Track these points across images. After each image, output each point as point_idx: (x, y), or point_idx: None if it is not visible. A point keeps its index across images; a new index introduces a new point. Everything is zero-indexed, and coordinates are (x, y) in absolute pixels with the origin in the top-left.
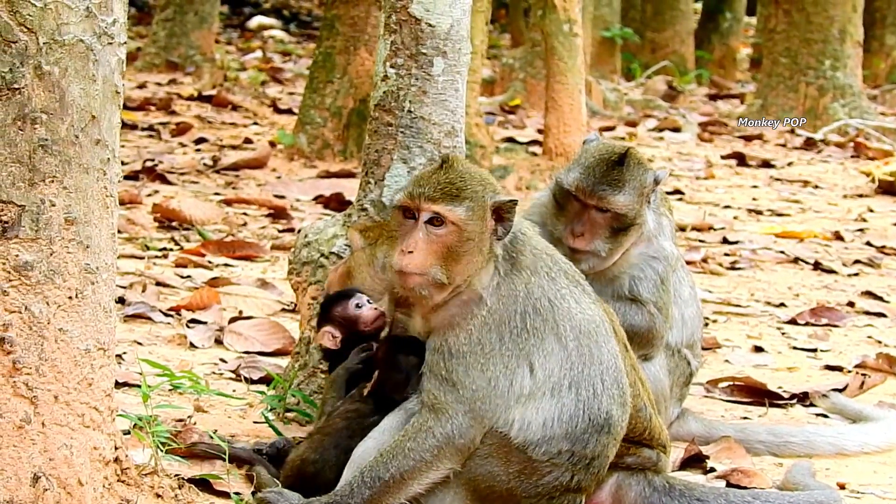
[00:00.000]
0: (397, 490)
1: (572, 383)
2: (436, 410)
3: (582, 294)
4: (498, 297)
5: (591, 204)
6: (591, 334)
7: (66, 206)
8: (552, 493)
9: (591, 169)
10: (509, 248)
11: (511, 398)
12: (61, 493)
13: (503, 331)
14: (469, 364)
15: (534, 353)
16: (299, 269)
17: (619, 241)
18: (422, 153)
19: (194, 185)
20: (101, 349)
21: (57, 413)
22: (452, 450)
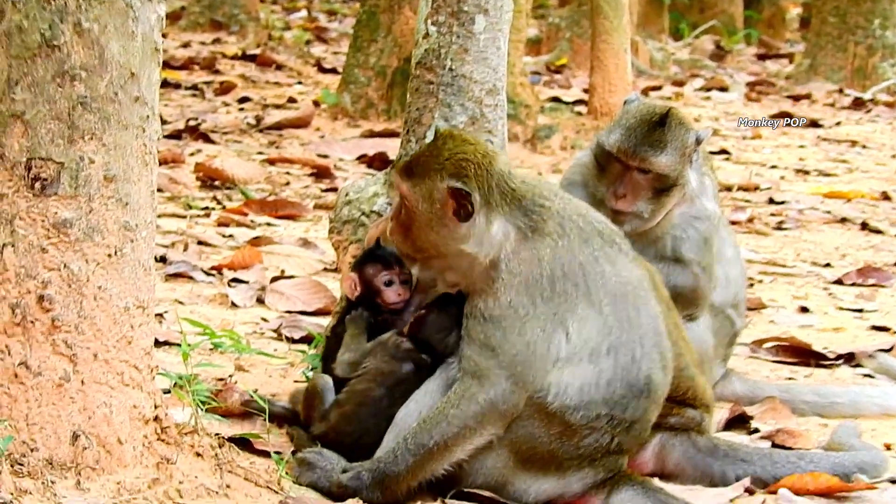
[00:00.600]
0: (441, 456)
1: (610, 348)
2: (478, 377)
3: (618, 255)
4: (518, 260)
5: (633, 165)
6: (627, 297)
7: (104, 163)
8: (593, 454)
9: (633, 130)
10: (522, 220)
11: (549, 362)
12: (100, 451)
13: (533, 294)
14: (506, 329)
15: (567, 318)
16: (340, 228)
17: (661, 201)
18: (463, 111)
19: (237, 145)
20: (141, 307)
21: (96, 371)
22: (496, 415)
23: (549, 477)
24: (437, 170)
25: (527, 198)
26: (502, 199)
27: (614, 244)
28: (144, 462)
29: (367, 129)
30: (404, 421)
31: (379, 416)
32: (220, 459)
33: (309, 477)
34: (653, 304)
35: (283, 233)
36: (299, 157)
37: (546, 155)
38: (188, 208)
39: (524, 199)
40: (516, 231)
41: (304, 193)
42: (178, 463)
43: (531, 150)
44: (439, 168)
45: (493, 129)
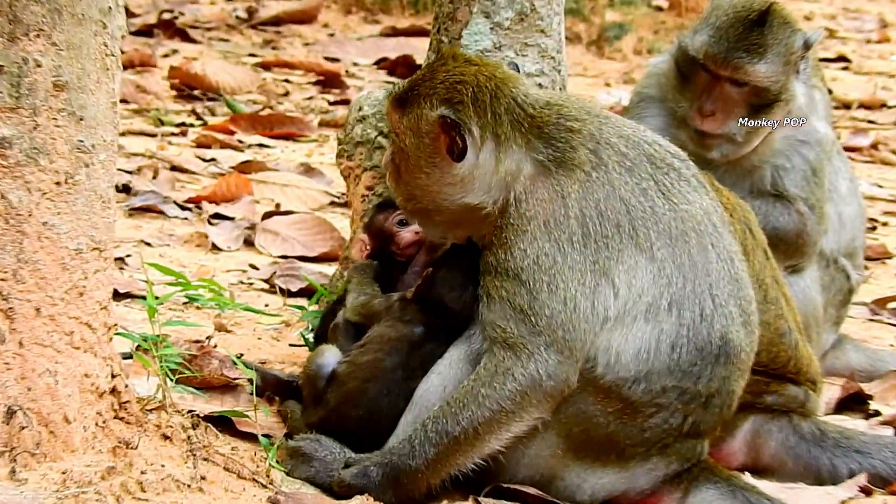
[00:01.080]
0: (470, 447)
1: (672, 302)
2: (511, 346)
3: (676, 183)
4: (533, 200)
5: (724, 75)
6: (689, 237)
7: (54, 66)
8: (663, 439)
9: (725, 30)
10: (542, 151)
11: (597, 323)
12: (42, 431)
13: (559, 239)
14: (533, 284)
15: (611, 267)
16: (351, 151)
17: (758, 121)
18: (509, 5)
19: (223, 44)
20: (97, 249)
21: (38, 330)
22: (539, 395)
23: (609, 469)
24: (427, 96)
25: (550, 123)
26: (515, 128)
27: (671, 170)
28: (98, 446)
29: (389, 26)
30: (426, 399)
31: (393, 394)
32: (193, 444)
33: (304, 471)
34: (727, 243)
35: (280, 156)
36: (302, 61)
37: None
38: (159, 124)
39: (546, 125)
40: (534, 166)
41: (308, 107)
42: (139, 448)
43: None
44: (430, 94)
45: (546, 28)
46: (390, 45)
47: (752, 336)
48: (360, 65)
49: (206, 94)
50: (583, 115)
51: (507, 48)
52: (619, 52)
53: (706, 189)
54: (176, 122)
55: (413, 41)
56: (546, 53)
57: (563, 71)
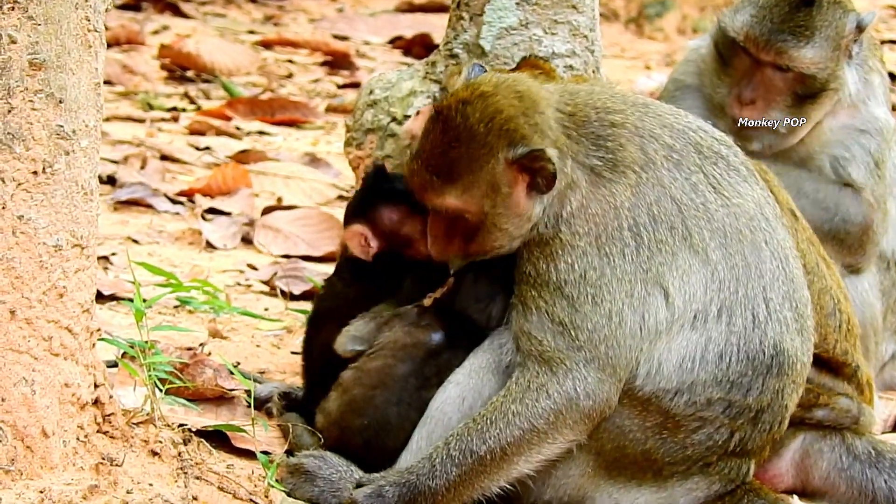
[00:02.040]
0: (497, 469)
1: (723, 308)
2: (547, 361)
3: (725, 172)
4: (585, 217)
5: (766, 60)
6: (742, 234)
7: (31, 43)
8: (706, 457)
9: (768, 10)
10: (590, 156)
11: (645, 339)
12: (18, 446)
13: (610, 252)
14: (576, 297)
15: (664, 273)
16: (361, 140)
17: (804, 111)
18: None
19: (219, 20)
20: (78, 245)
21: (13, 335)
22: (576, 415)
23: (645, 488)
24: (486, 153)
25: (592, 118)
26: (565, 133)
27: (719, 159)
28: (79, 463)
29: (405, 1)
30: (442, 412)
31: (403, 403)
32: (184, 461)
33: (307, 490)
34: (780, 238)
35: (282, 145)
36: (307, 39)
37: (656, 40)
38: (148, 109)
39: (589, 121)
40: (587, 174)
41: (313, 90)
42: (125, 465)
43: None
44: (487, 146)
45: (578, 4)
46: (406, 22)
47: (808, 344)
48: (372, 44)
49: (201, 75)
50: (621, 106)
51: (534, 25)
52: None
53: (756, 178)
54: (167, 107)
55: (431, 18)
56: (578, 31)
57: (597, 51)
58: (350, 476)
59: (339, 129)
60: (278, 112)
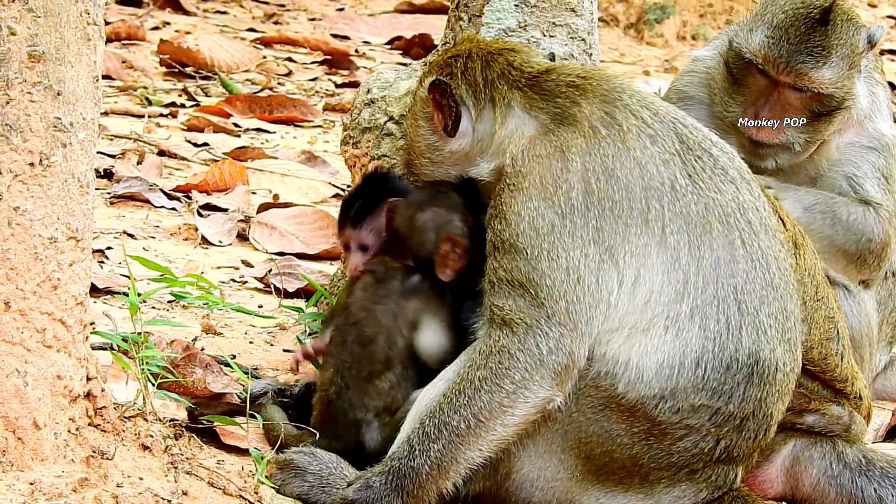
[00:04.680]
0: (476, 438)
1: (695, 308)
2: (507, 323)
3: (709, 168)
4: (530, 157)
5: (785, 81)
6: (710, 226)
7: (30, 35)
8: (692, 463)
9: (784, 30)
10: (542, 108)
11: (601, 300)
12: (9, 437)
13: (557, 199)
14: (530, 252)
15: (616, 245)
16: (358, 138)
17: (818, 129)
18: None
19: (220, 17)
20: (73, 238)
21: (7, 326)
22: (542, 371)
23: (631, 494)
24: (423, 77)
25: (552, 81)
26: (513, 88)
27: (705, 154)
28: (70, 455)
29: (405, 2)
30: (428, 408)
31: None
32: (175, 455)
33: (297, 486)
34: (763, 244)
35: (280, 143)
36: (307, 38)
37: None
38: (146, 104)
39: (548, 83)
40: (535, 125)
41: (312, 89)
42: (116, 458)
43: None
44: (425, 75)
45: (576, 6)
46: (406, 23)
47: (792, 354)
48: (372, 44)
49: (200, 71)
50: (595, 77)
51: (532, 28)
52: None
53: (750, 186)
54: (165, 102)
55: (432, 19)
56: (576, 35)
57: (595, 55)
58: (340, 472)
59: (337, 128)
60: (277, 110)
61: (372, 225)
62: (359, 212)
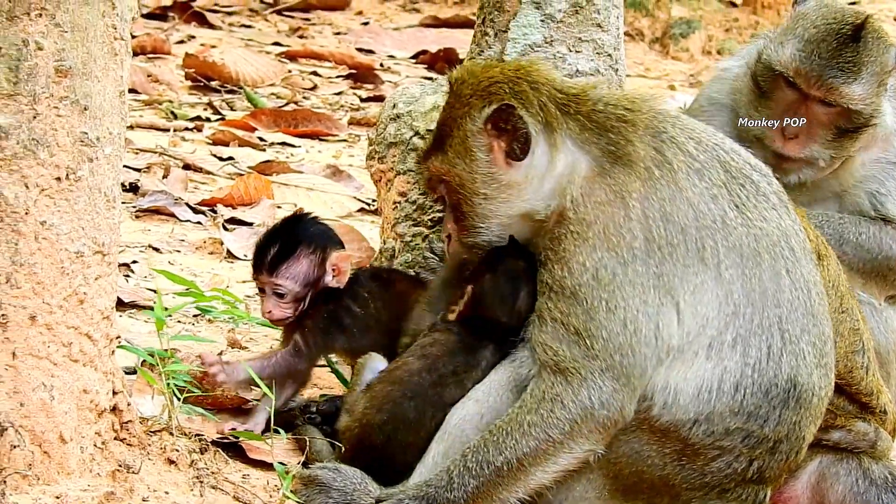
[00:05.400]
0: (514, 480)
1: (738, 337)
2: (562, 371)
3: (753, 196)
4: (591, 204)
5: (815, 95)
6: (761, 257)
7: (57, 50)
8: (723, 484)
9: (815, 45)
10: (595, 143)
11: (660, 349)
12: (35, 451)
13: (619, 249)
14: (590, 303)
15: (676, 286)
16: (383, 153)
17: (844, 145)
18: None
19: (245, 31)
20: (99, 252)
21: (33, 340)
22: (591, 425)
23: None
24: (462, 117)
25: (599, 107)
26: (563, 112)
27: (748, 182)
28: (96, 469)
29: (430, 16)
30: (459, 428)
31: (418, 398)
32: (200, 470)
33: (321, 502)
34: (805, 272)
35: (305, 157)
36: (332, 52)
37: (681, 60)
38: (172, 118)
39: (596, 109)
40: (589, 162)
41: (337, 103)
42: (141, 472)
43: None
44: (465, 113)
45: (602, 22)
46: (431, 37)
47: (827, 379)
48: (397, 58)
49: (225, 85)
50: (637, 106)
51: (558, 43)
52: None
53: (787, 209)
54: (190, 116)
55: (457, 33)
56: (602, 50)
57: (621, 70)
58: (365, 488)
59: (362, 142)
60: (301, 124)
61: (289, 272)
62: (274, 258)
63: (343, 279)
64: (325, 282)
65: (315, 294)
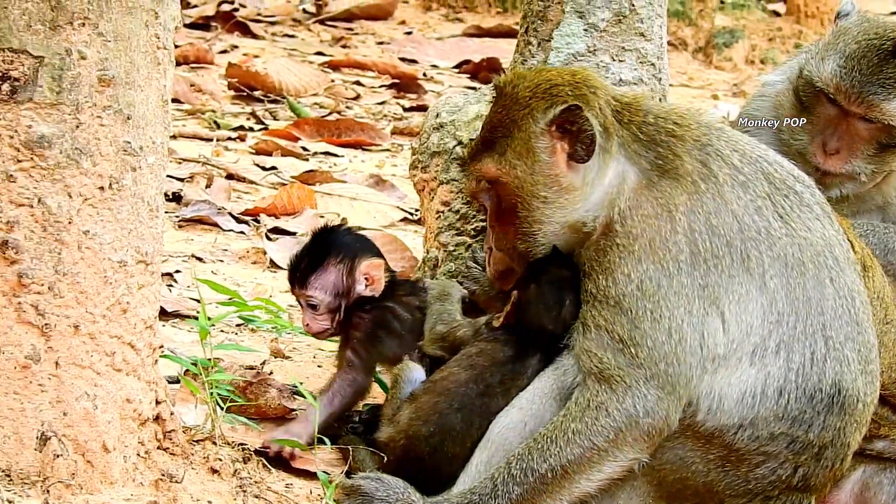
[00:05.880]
0: (559, 488)
1: (781, 344)
2: (607, 379)
3: (797, 208)
4: (639, 217)
5: (856, 111)
6: (805, 267)
7: (100, 59)
8: (768, 491)
9: (855, 61)
10: (644, 155)
11: (705, 359)
12: (78, 460)
13: (665, 261)
14: (635, 312)
15: (721, 296)
16: (427, 162)
17: (885, 160)
18: (606, 5)
19: (288, 40)
20: (142, 262)
21: (77, 349)
22: (636, 433)
23: None
24: (525, 114)
25: (649, 120)
26: (618, 120)
27: (791, 193)
28: (139, 478)
29: (473, 25)
30: (502, 437)
31: (465, 409)
32: (243, 479)
33: None
34: (848, 281)
35: (348, 167)
36: (375, 62)
37: (724, 70)
38: (215, 127)
39: (646, 121)
40: (638, 174)
41: (380, 112)
42: (185, 482)
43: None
44: (527, 107)
45: (646, 31)
46: (474, 47)
47: (872, 386)
48: (440, 68)
49: (268, 95)
50: (685, 120)
51: (602, 52)
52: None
53: (831, 220)
54: (233, 126)
55: (500, 43)
56: (645, 59)
57: (664, 79)
58: (408, 498)
59: (405, 151)
60: (345, 133)
61: (318, 283)
62: (304, 270)
63: (378, 287)
64: (357, 291)
65: (350, 304)
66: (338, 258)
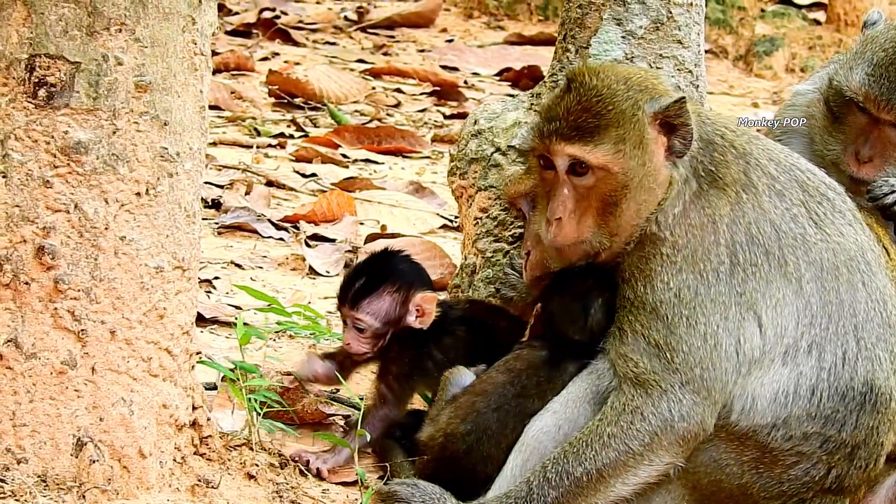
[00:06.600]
0: (594, 491)
1: (813, 344)
2: (642, 384)
3: (829, 214)
4: (685, 227)
5: (887, 119)
6: (839, 271)
7: (137, 65)
8: (801, 493)
9: (884, 69)
10: (701, 161)
11: (741, 364)
12: (114, 466)
13: (705, 270)
14: (671, 318)
15: (758, 301)
16: (465, 169)
17: None
18: (643, 12)
19: (329, 48)
20: (179, 267)
21: (113, 355)
22: (671, 438)
23: None
24: (632, 103)
25: (706, 123)
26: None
27: (824, 200)
28: (175, 484)
29: (514, 33)
30: (537, 440)
31: (502, 409)
32: (280, 485)
33: None
34: (880, 284)
35: (388, 174)
36: (416, 69)
37: (765, 78)
38: (255, 134)
39: (704, 122)
40: (693, 179)
41: (420, 120)
42: (221, 487)
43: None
44: (631, 100)
45: (683, 39)
46: (515, 54)
47: None
48: (481, 75)
49: (308, 102)
50: (732, 127)
51: (639, 59)
52: (769, 69)
53: (862, 225)
54: (273, 133)
55: (541, 50)
56: (683, 66)
57: (702, 86)
58: (444, 503)
59: (445, 158)
60: (385, 141)
61: (370, 308)
62: (357, 292)
63: (427, 321)
64: (407, 321)
65: (397, 332)
66: (394, 287)
